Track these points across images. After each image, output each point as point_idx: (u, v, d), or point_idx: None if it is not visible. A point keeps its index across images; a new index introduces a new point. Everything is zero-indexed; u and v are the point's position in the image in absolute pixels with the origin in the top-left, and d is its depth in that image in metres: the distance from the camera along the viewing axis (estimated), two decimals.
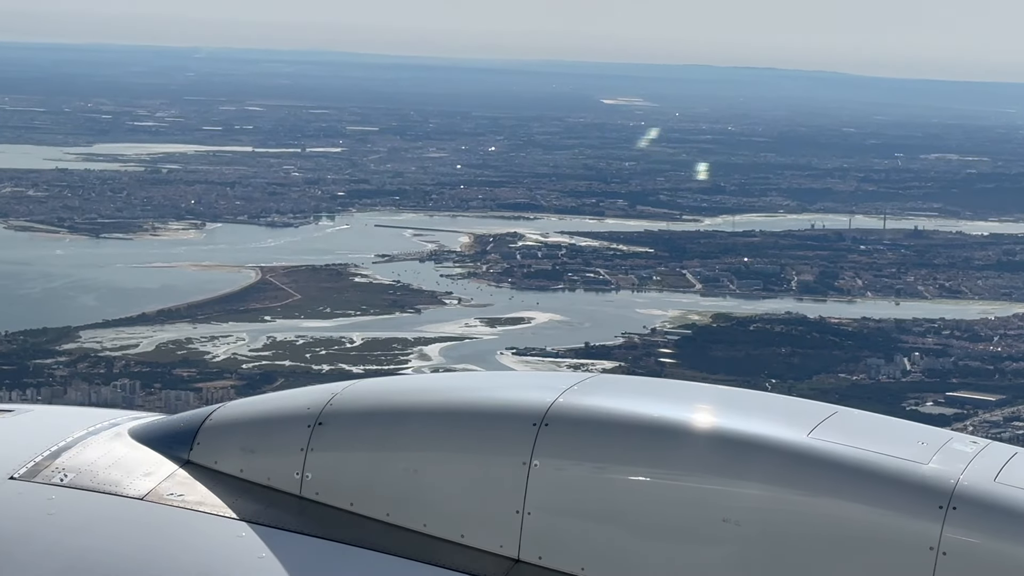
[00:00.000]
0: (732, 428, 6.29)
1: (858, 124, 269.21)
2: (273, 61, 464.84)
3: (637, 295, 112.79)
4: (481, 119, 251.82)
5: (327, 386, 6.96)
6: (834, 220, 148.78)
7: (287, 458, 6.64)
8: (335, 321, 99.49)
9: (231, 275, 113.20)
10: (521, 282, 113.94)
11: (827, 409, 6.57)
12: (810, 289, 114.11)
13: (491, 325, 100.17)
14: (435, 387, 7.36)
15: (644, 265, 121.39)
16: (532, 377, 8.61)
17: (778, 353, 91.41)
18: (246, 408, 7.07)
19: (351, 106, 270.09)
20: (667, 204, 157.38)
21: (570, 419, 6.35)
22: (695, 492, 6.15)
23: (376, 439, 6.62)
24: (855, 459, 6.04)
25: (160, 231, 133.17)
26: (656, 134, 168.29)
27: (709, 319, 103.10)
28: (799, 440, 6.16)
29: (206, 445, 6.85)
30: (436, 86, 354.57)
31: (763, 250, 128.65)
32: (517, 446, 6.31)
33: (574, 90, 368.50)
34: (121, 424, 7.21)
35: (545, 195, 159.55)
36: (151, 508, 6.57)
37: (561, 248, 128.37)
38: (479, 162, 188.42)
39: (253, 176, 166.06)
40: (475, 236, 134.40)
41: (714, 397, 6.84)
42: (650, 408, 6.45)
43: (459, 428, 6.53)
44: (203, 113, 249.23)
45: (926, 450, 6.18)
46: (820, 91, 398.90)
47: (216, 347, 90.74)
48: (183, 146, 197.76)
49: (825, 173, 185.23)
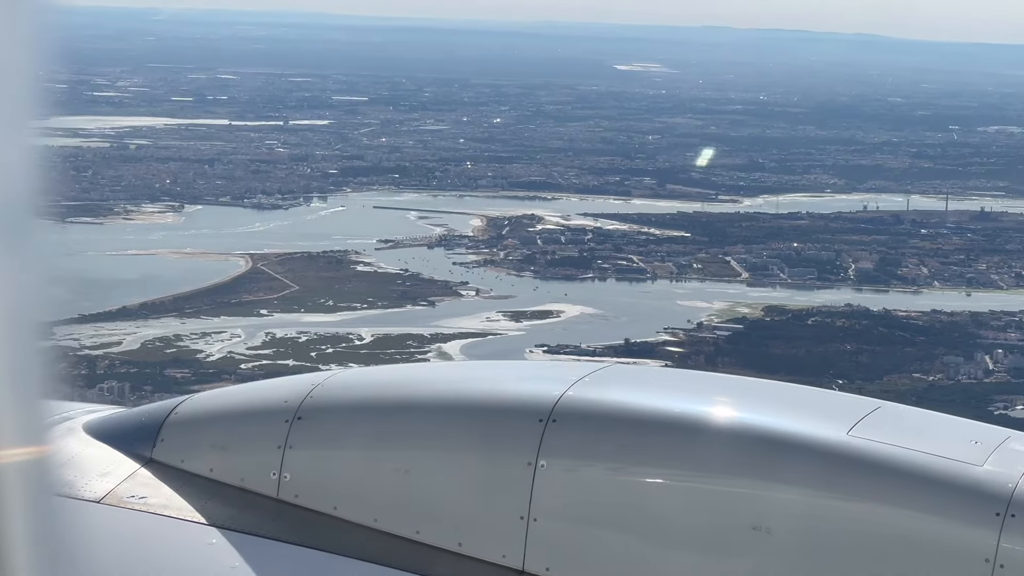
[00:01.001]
0: (762, 425, 6.21)
1: (904, 93, 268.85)
2: (243, 24, 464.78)
3: (676, 285, 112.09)
4: (482, 87, 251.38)
5: (307, 376, 6.92)
6: (888, 200, 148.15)
7: (263, 456, 6.59)
8: (339, 315, 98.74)
9: (218, 264, 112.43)
10: (545, 271, 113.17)
11: (869, 404, 6.48)
12: (870, 278, 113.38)
13: (516, 319, 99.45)
14: (429, 378, 7.24)
15: (682, 251, 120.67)
16: (538, 368, 8.63)
17: (843, 350, 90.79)
18: (216, 401, 7.03)
19: (335, 73, 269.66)
20: (700, 183, 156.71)
21: (580, 415, 6.28)
22: (721, 496, 6.09)
23: (362, 435, 6.58)
24: (900, 460, 5.95)
25: (133, 214, 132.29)
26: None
27: (761, 312, 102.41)
28: (837, 438, 6.07)
29: (171, 442, 6.78)
30: (427, 50, 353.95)
31: (812, 234, 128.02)
32: (521, 444, 6.24)
33: (582, 55, 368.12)
34: (74, 418, 7.19)
35: (562, 172, 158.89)
36: (109, 512, 6.49)
37: (586, 232, 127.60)
38: (484, 135, 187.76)
39: (233, 152, 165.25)
40: (488, 219, 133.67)
41: (741, 390, 6.82)
42: (669, 402, 6.39)
43: (457, 424, 6.48)
44: (170, 82, 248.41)
45: (981, 450, 6.05)
46: (857, 56, 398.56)
47: (209, 344, 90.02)
48: (151, 119, 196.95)
49: (873, 148, 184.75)
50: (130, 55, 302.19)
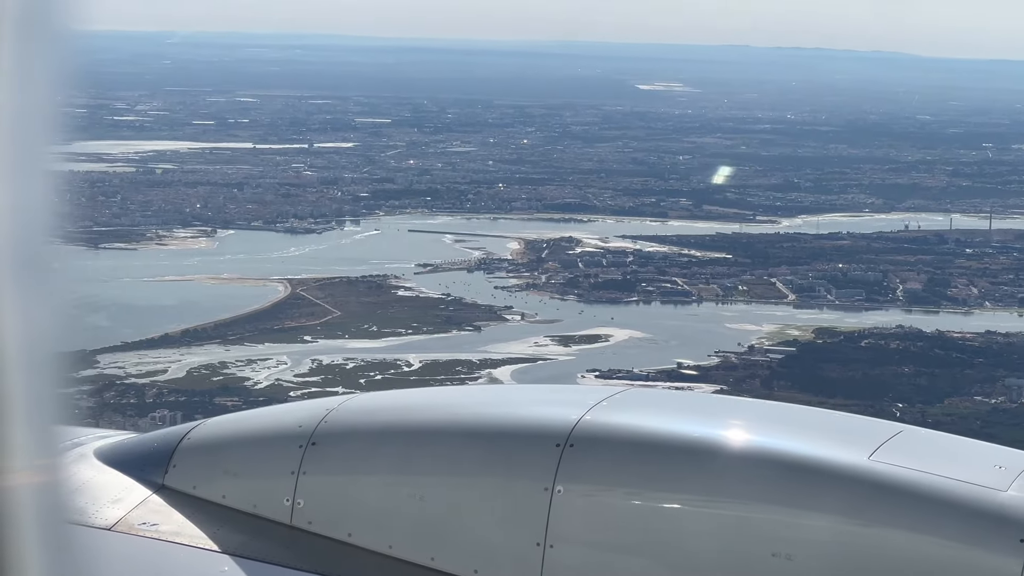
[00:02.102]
0: (782, 449, 6.18)
1: (932, 111, 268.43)
2: (256, 46, 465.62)
3: (723, 307, 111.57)
4: (505, 108, 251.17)
5: (321, 401, 6.91)
6: (928, 220, 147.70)
7: (276, 482, 6.58)
8: (384, 341, 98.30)
9: (256, 289, 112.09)
10: (589, 294, 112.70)
11: (891, 428, 6.45)
12: (919, 299, 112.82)
13: (564, 344, 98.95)
14: (445, 403, 7.22)
15: (726, 273, 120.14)
16: (556, 392, 8.15)
17: (900, 373, 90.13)
18: (229, 426, 7.01)
19: (355, 95, 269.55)
20: (736, 203, 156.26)
21: (598, 439, 6.24)
22: (740, 522, 6.03)
23: (377, 461, 6.54)
24: (922, 485, 5.91)
25: (166, 240, 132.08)
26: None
27: (812, 334, 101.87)
28: (859, 463, 6.03)
29: (183, 468, 6.77)
30: (444, 71, 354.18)
31: (855, 254, 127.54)
32: (538, 469, 6.21)
33: (603, 74, 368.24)
34: (86, 444, 7.11)
35: (597, 194, 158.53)
36: (121, 539, 6.47)
37: (627, 255, 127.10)
38: (513, 157, 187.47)
39: (261, 176, 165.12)
40: (526, 242, 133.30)
41: (761, 414, 6.79)
42: (689, 427, 6.37)
43: (472, 449, 6.43)
44: (190, 106, 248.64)
45: (1005, 475, 6.00)
46: (880, 74, 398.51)
47: (255, 372, 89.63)
48: (173, 143, 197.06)
49: (908, 166, 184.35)
50: (147, 79, 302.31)
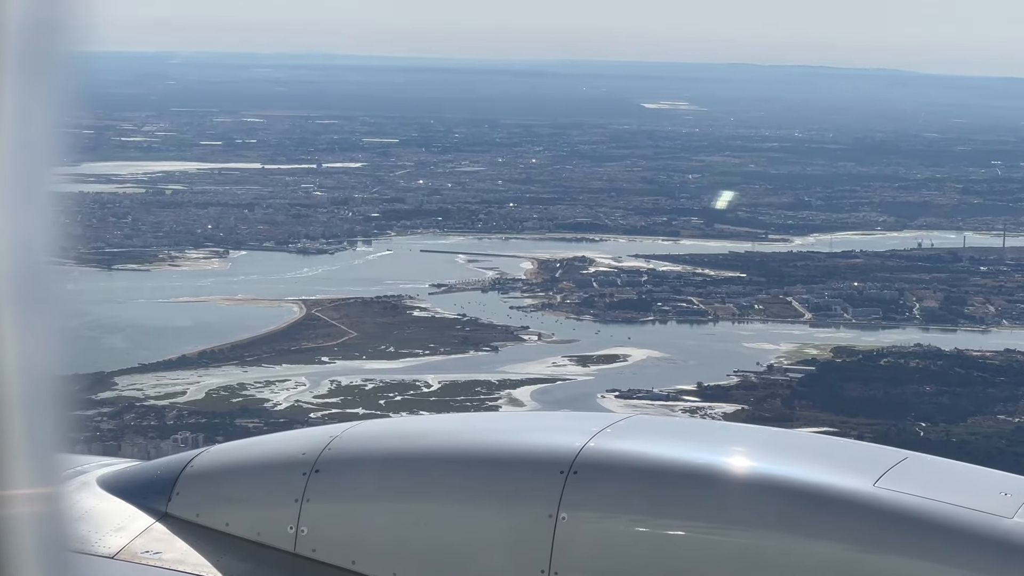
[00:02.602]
0: (787, 476, 6.16)
1: (939, 128, 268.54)
2: (259, 66, 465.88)
3: (739, 326, 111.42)
4: (512, 127, 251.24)
5: (325, 428, 6.92)
6: (941, 237, 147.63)
7: (279, 510, 6.57)
8: (402, 362, 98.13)
9: (271, 310, 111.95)
10: (604, 314, 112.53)
11: (896, 455, 6.45)
12: (936, 317, 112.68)
13: (582, 364, 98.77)
14: (449, 430, 7.24)
15: (741, 292, 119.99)
16: (559, 419, 8.52)
17: (922, 392, 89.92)
18: (232, 453, 7.01)
19: (361, 115, 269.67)
20: (748, 222, 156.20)
21: (603, 466, 6.24)
22: (746, 550, 6.01)
23: (381, 488, 6.54)
24: (928, 512, 5.90)
25: (179, 260, 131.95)
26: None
27: (830, 353, 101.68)
28: (863, 490, 6.02)
29: (186, 495, 6.77)
30: (449, 90, 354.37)
31: (870, 273, 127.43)
32: (542, 496, 6.20)
33: (608, 93, 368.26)
34: (89, 472, 7.12)
35: (608, 213, 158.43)
36: (123, 568, 6.46)
37: (641, 274, 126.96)
38: (522, 176, 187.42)
39: (271, 196, 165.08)
40: (539, 261, 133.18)
41: (766, 441, 6.75)
42: (693, 454, 6.36)
43: (476, 476, 6.43)
44: (196, 126, 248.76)
45: (1011, 502, 6.00)
46: (883, 91, 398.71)
47: (275, 393, 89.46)
48: (182, 164, 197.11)
49: (918, 184, 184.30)
50: (152, 100, 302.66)
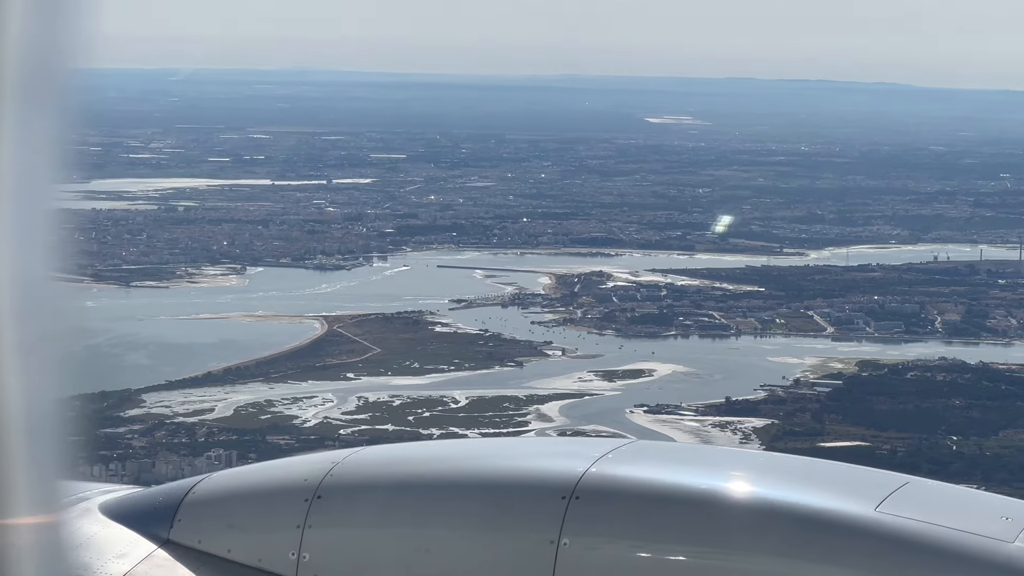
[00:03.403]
0: (788, 501, 6.17)
1: (944, 142, 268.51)
2: (261, 83, 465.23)
3: (762, 340, 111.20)
4: (519, 143, 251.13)
5: (327, 454, 6.95)
6: (956, 251, 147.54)
7: (281, 536, 6.58)
8: (428, 378, 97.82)
9: (292, 326, 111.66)
10: (626, 328, 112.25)
11: (897, 479, 6.43)
12: (958, 330, 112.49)
13: (608, 379, 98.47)
14: (451, 455, 7.25)
15: (761, 306, 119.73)
16: (561, 444, 8.86)
17: (951, 405, 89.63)
18: (234, 480, 7.04)
19: (367, 131, 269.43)
20: (762, 235, 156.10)
21: (605, 491, 6.25)
22: (746, 575, 6.00)
23: (383, 514, 6.55)
24: (929, 536, 5.90)
25: (197, 277, 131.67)
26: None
27: (855, 367, 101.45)
28: (865, 515, 6.03)
29: (189, 522, 6.79)
30: (451, 106, 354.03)
31: (887, 286, 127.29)
32: (544, 522, 6.20)
33: (610, 108, 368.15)
34: (90, 498, 7.12)
35: (622, 228, 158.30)
36: None
37: (660, 288, 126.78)
38: (532, 191, 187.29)
39: (283, 213, 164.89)
40: (556, 276, 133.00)
41: (767, 466, 6.81)
42: (695, 479, 6.37)
43: (478, 502, 6.45)
44: (203, 143, 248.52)
45: (1012, 526, 6.00)
46: (882, 105, 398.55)
47: (303, 410, 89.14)
48: (192, 180, 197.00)
49: (929, 197, 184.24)
50: (157, 116, 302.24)
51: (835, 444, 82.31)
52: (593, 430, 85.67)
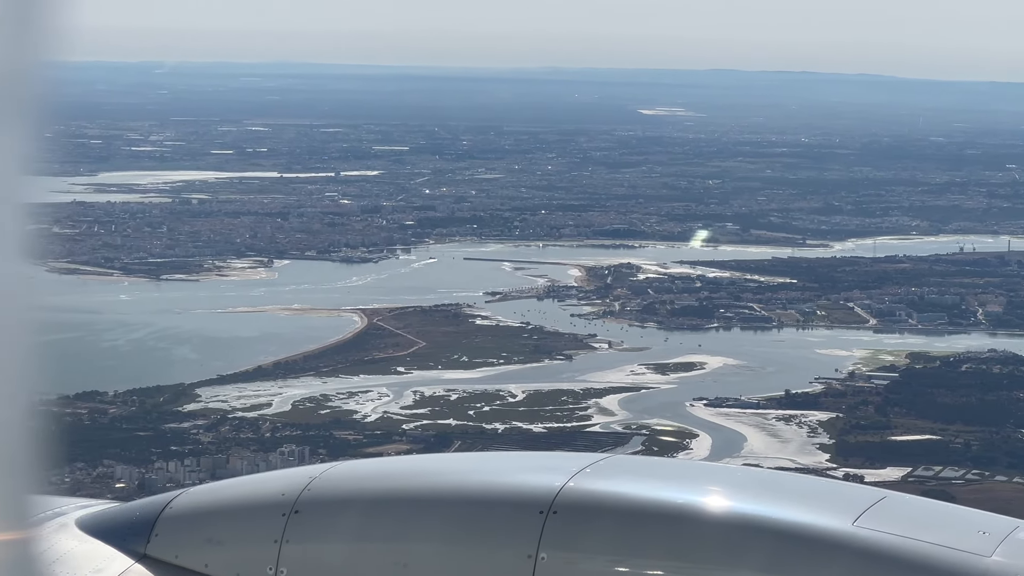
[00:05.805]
0: (766, 516, 6.09)
1: (942, 133, 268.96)
2: (246, 76, 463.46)
3: (805, 333, 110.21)
4: (519, 135, 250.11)
5: (304, 469, 6.88)
6: (979, 241, 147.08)
7: (259, 551, 6.50)
8: (479, 372, 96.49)
9: (332, 320, 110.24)
10: (668, 321, 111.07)
11: (874, 494, 6.37)
12: (1003, 322, 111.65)
13: (661, 372, 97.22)
14: (428, 470, 7.13)
15: (799, 299, 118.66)
16: (538, 459, 8.10)
17: (1016, 398, 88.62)
18: (211, 495, 6.96)
19: (365, 123, 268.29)
20: (783, 227, 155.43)
21: (581, 506, 6.21)
22: None
23: (361, 529, 6.48)
24: (906, 551, 5.86)
25: (224, 270, 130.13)
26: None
27: (907, 359, 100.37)
28: (842, 529, 5.99)
29: (165, 537, 6.71)
30: (444, 98, 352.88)
31: (919, 277, 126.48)
32: (522, 537, 6.16)
33: (601, 100, 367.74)
34: (67, 513, 7.03)
35: (642, 219, 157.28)
36: None
37: (693, 280, 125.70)
38: (543, 183, 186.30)
39: (298, 205, 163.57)
40: (586, 268, 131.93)
41: (744, 480, 6.73)
42: (672, 494, 6.30)
43: (456, 517, 6.38)
44: (203, 135, 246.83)
45: (988, 541, 5.97)
46: (873, 96, 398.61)
47: (360, 405, 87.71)
48: (198, 173, 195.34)
49: (942, 188, 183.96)
50: (150, 109, 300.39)
51: (905, 438, 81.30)
52: (657, 424, 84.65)
